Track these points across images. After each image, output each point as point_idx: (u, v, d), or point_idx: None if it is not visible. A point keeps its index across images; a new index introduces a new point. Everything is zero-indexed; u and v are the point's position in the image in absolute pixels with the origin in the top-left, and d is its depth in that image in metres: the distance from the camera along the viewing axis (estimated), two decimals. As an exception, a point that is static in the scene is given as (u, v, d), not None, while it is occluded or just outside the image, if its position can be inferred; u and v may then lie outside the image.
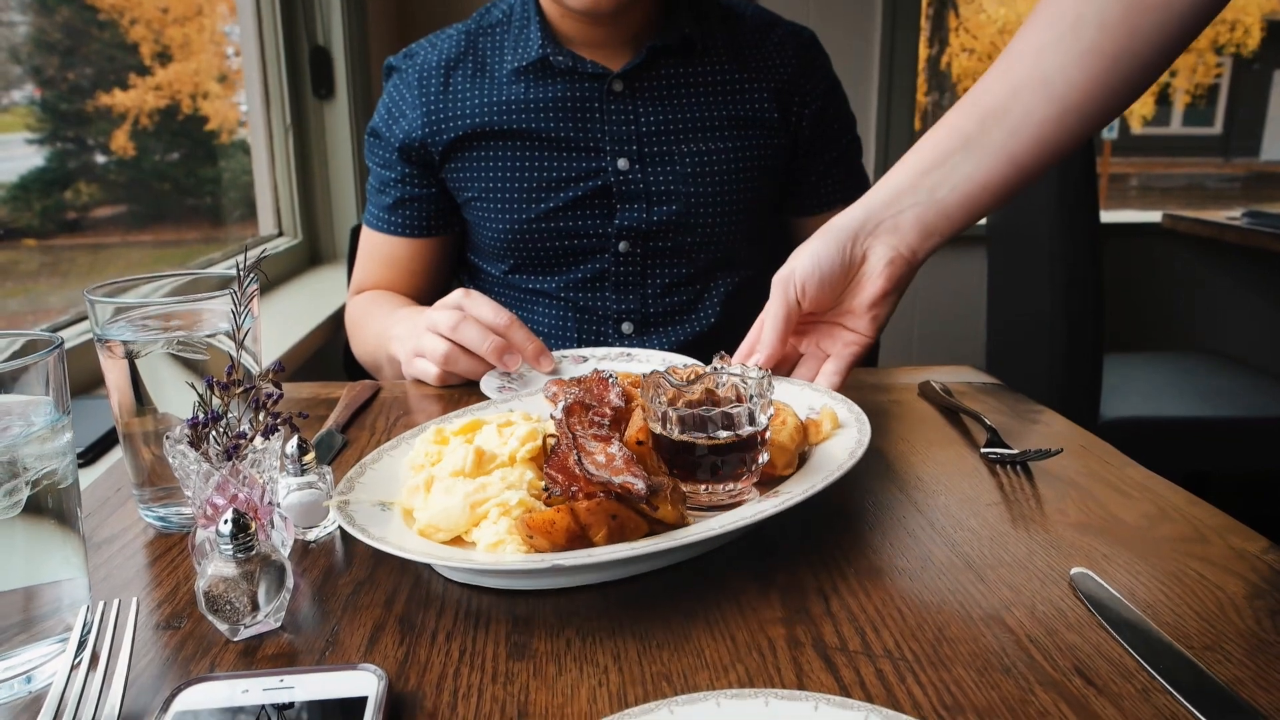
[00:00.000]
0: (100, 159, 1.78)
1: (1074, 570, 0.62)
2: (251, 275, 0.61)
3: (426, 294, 1.38)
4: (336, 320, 1.87)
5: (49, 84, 1.60)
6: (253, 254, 0.62)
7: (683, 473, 0.68)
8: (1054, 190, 2.18)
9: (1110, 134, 5.44)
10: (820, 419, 0.77)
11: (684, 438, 0.67)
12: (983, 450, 0.84)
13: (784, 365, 0.95)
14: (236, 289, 0.60)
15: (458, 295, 1.07)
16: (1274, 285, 2.94)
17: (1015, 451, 0.82)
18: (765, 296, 1.40)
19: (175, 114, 2.00)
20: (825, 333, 0.94)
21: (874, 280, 0.87)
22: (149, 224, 1.98)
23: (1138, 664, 0.52)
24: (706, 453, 0.67)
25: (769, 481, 0.71)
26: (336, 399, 1.03)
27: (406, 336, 1.11)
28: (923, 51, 3.49)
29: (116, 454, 0.95)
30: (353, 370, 1.44)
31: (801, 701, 0.46)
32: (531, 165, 1.26)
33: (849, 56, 3.25)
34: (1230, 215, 2.78)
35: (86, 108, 1.69)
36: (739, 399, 0.68)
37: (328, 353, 1.85)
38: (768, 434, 0.69)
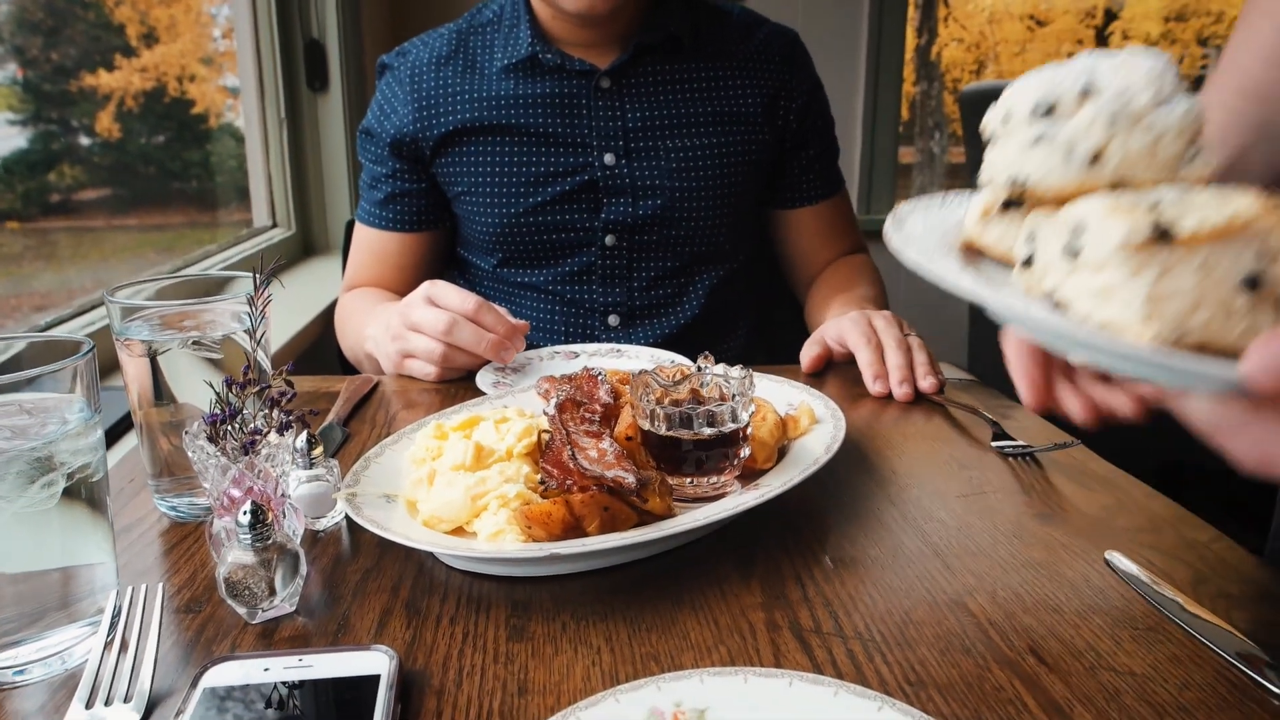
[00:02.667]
0: (85, 141, 1.78)
1: (1107, 553, 0.68)
2: (267, 281, 0.65)
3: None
4: (331, 313, 1.90)
5: (32, 64, 1.59)
6: (260, 245, 0.66)
7: (669, 466, 0.72)
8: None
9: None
10: (798, 415, 0.81)
11: (670, 434, 0.71)
12: (992, 443, 0.89)
13: None
14: (253, 293, 0.64)
15: (425, 289, 1.10)
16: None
17: (1022, 444, 0.88)
18: (749, 289, 1.45)
19: (161, 96, 1.99)
20: None
21: None
22: (134, 207, 1.98)
23: (1086, 644, 0.57)
24: (691, 448, 0.71)
25: (750, 474, 0.75)
26: (336, 392, 1.07)
27: (381, 337, 1.14)
28: (911, 40, 3.52)
29: (128, 444, 0.99)
30: (348, 363, 1.48)
31: (778, 678, 0.50)
32: (520, 160, 1.30)
33: (836, 44, 3.28)
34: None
35: (70, 88, 1.68)
36: (722, 397, 0.73)
37: (322, 345, 1.88)
38: (749, 430, 0.73)
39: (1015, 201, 0.51)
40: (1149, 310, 0.40)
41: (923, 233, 0.52)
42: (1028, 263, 0.46)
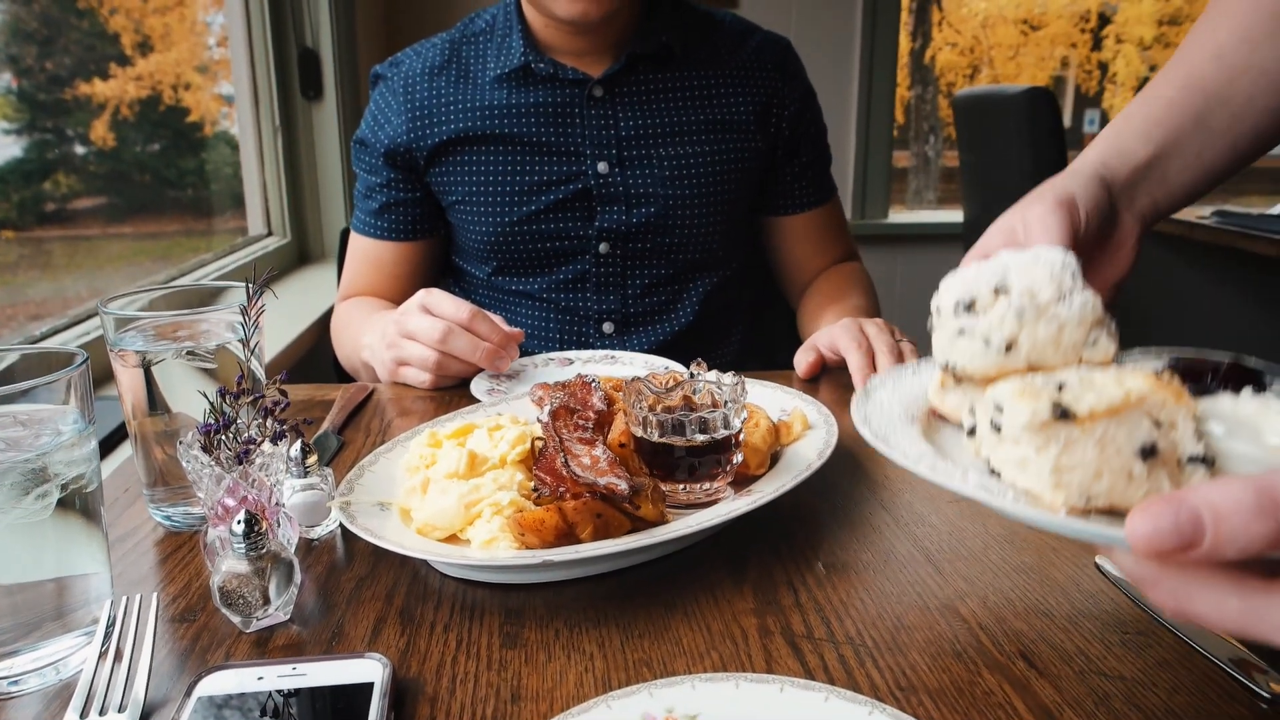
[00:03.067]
0: (79, 150, 1.78)
1: (1097, 558, 0.68)
2: (260, 291, 0.65)
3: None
4: (326, 321, 1.91)
5: (27, 73, 1.59)
6: (255, 253, 0.66)
7: (662, 473, 0.72)
8: (1028, 185, 2.24)
9: (1093, 127, 5.48)
10: (791, 421, 0.82)
11: (663, 440, 0.71)
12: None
13: None
14: (247, 304, 0.65)
15: (420, 297, 1.11)
16: (1241, 283, 3.01)
17: None
18: (743, 295, 1.45)
19: (156, 104, 2.00)
20: None
21: (1124, 256, 0.79)
22: (129, 216, 1.98)
23: (1076, 649, 0.57)
24: (684, 454, 0.71)
25: (743, 480, 0.75)
26: (331, 401, 1.07)
27: (378, 345, 1.15)
28: (904, 45, 3.53)
29: (122, 454, 0.99)
30: (342, 371, 1.48)
31: (769, 684, 0.51)
32: (514, 169, 1.31)
33: (829, 48, 3.30)
34: (1200, 215, 2.84)
35: (65, 97, 1.69)
36: (714, 404, 0.73)
37: (318, 353, 1.89)
38: (741, 436, 0.74)
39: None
40: (1055, 480, 0.45)
41: (889, 400, 0.60)
42: (972, 431, 0.52)
